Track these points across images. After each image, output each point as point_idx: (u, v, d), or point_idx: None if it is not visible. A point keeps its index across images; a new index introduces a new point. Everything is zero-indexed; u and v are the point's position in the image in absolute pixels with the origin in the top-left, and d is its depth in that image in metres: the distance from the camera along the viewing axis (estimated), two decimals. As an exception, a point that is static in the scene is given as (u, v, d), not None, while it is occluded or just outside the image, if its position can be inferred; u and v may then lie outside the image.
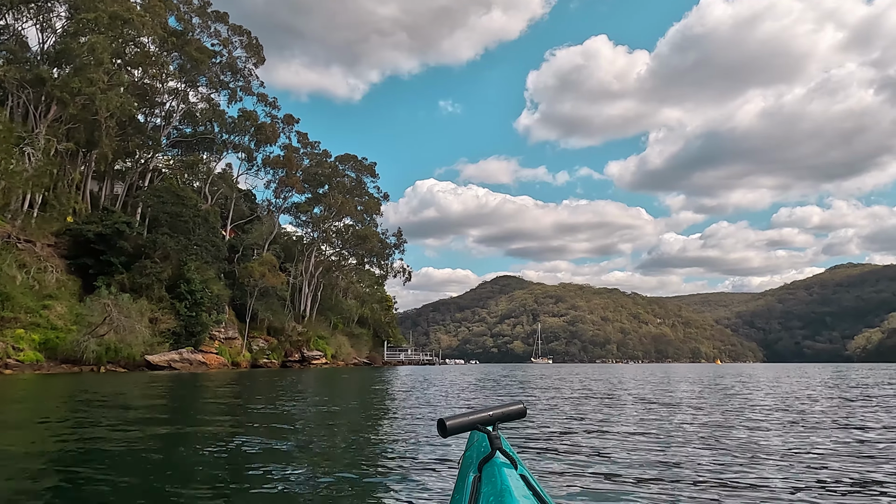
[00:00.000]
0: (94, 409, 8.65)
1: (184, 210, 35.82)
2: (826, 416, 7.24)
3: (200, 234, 36.64)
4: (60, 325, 28.10)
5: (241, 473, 3.64)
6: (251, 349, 44.20)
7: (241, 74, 43.58)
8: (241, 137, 46.90)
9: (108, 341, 28.47)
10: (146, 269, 33.05)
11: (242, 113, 45.97)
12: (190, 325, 33.95)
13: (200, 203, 43.43)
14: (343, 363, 54.99)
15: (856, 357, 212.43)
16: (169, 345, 32.38)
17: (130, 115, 34.75)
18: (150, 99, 40.94)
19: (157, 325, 32.48)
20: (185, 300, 33.96)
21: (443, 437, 1.18)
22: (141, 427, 6.18)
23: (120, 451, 4.52)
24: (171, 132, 43.38)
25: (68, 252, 32.57)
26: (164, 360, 30.90)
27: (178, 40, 37.30)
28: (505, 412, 1.26)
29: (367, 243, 56.79)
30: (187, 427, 6.44)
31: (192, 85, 41.02)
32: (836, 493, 3.17)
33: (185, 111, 43.68)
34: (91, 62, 28.68)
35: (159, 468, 3.92)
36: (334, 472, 3.71)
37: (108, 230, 32.57)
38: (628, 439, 5.11)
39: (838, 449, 4.65)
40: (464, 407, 9.05)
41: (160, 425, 6.46)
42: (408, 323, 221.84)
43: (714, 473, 3.63)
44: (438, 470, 3.70)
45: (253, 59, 43.36)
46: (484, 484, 1.07)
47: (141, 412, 8.11)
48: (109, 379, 20.01)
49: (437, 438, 4.93)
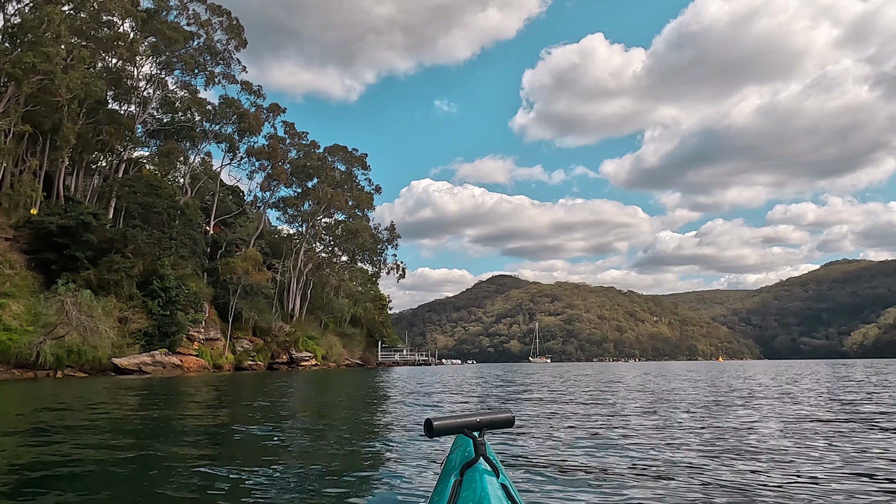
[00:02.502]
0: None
1: (158, 201, 33.11)
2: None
3: (177, 227, 33.93)
4: (15, 325, 25.33)
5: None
6: (235, 351, 41.48)
7: (220, 58, 40.82)
8: (222, 126, 44.18)
9: (70, 343, 25.76)
10: (115, 265, 30.32)
11: (224, 100, 43.24)
12: (164, 325, 31.23)
13: (179, 196, 40.75)
14: (334, 364, 52.38)
15: (852, 353, 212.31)
16: (140, 346, 29.67)
17: (98, 98, 32.00)
18: (125, 85, 38.18)
19: (127, 324, 29.77)
20: (158, 298, 31.25)
21: (429, 437, 1.18)
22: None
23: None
24: (146, 119, 40.57)
25: (29, 246, 29.79)
26: (134, 364, 28.19)
27: (149, 18, 34.53)
28: (492, 419, 1.25)
29: (357, 238, 54.10)
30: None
31: (167, 68, 38.21)
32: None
33: (162, 98, 40.91)
34: (47, 36, 25.96)
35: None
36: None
37: (73, 222, 29.81)
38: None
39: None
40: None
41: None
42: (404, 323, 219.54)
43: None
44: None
45: (234, 41, 40.63)
46: (464, 489, 1.07)
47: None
48: (55, 385, 17.36)
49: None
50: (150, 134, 42.91)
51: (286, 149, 50.30)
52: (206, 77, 39.81)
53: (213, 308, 41.13)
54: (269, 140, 46.72)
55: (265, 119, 47.17)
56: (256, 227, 50.21)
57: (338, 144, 54.10)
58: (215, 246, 44.24)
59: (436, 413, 4.83)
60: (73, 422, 7.11)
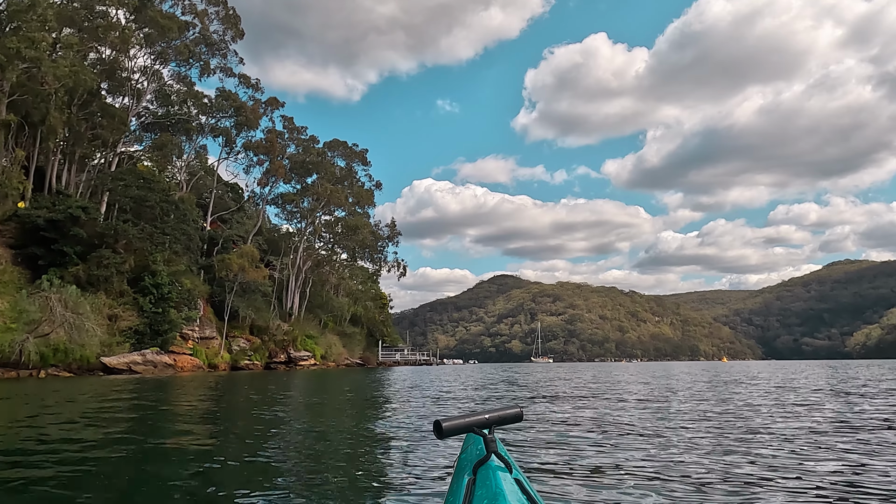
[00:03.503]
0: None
1: (150, 195, 31.95)
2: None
3: (170, 222, 32.77)
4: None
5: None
6: (231, 350, 40.34)
7: (217, 49, 39.62)
8: (219, 120, 43.01)
9: (56, 341, 24.63)
10: (105, 260, 29.15)
11: (221, 93, 42.08)
12: (155, 323, 30.08)
13: (175, 191, 39.61)
14: (334, 364, 51.24)
15: (855, 354, 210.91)
16: (130, 345, 28.52)
17: (89, 88, 30.85)
18: (119, 76, 37.05)
19: (117, 322, 28.61)
20: (150, 295, 30.09)
21: (439, 438, 1.17)
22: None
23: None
24: (141, 112, 39.42)
25: (15, 241, 28.64)
26: (123, 363, 27.03)
27: (142, 6, 33.37)
28: (501, 415, 1.25)
29: (357, 235, 52.88)
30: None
31: (161, 59, 37.02)
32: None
33: (158, 90, 39.75)
34: (34, 21, 24.84)
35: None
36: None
37: (61, 216, 28.66)
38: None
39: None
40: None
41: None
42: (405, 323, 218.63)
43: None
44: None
45: (231, 32, 39.44)
46: (478, 487, 1.08)
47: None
48: (38, 386, 16.23)
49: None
50: (145, 127, 41.79)
51: (285, 143, 49.08)
52: (201, 67, 38.57)
53: (208, 306, 40.00)
54: (266, 134, 45.52)
55: (263, 113, 46.01)
56: (255, 224, 49.05)
57: (337, 139, 52.91)
58: (212, 243, 43.10)
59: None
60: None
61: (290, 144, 50.22)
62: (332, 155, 53.21)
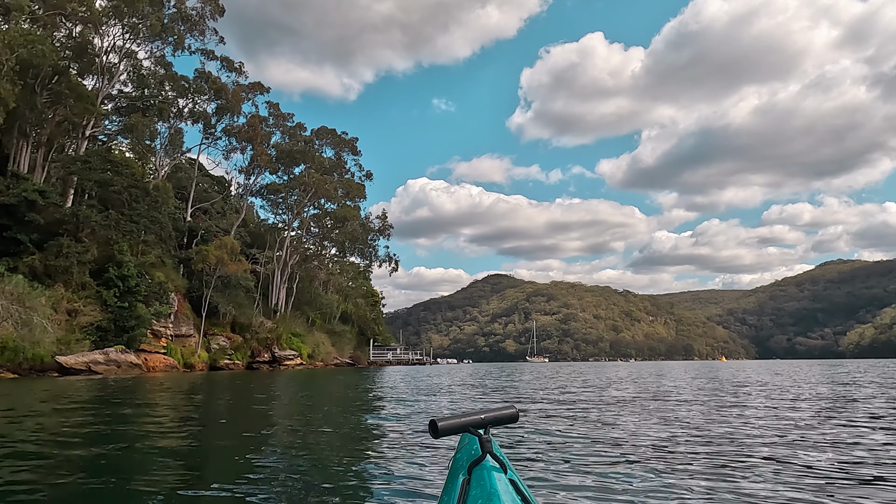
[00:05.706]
0: None
1: (117, 179, 29.23)
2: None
3: (139, 209, 30.05)
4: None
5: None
6: (209, 348, 37.65)
7: (195, 26, 36.85)
8: (197, 104, 40.24)
9: (4, 338, 21.93)
10: (64, 249, 26.45)
11: (199, 73, 39.34)
12: (121, 319, 27.38)
13: (148, 177, 36.85)
14: (322, 363, 48.64)
15: (849, 353, 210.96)
16: (91, 342, 25.81)
17: (48, 61, 28.12)
18: (89, 54, 34.28)
19: (77, 317, 25.91)
20: (114, 287, 27.38)
21: (434, 437, 1.17)
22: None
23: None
24: (112, 93, 36.61)
25: (-37, 227, 25.93)
26: (82, 363, 24.31)
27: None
28: (497, 416, 1.24)
29: (346, 226, 50.24)
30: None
31: (132, 33, 34.22)
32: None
33: (132, 70, 36.95)
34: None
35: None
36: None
37: (15, 199, 25.94)
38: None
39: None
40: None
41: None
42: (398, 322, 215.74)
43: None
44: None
45: (209, 7, 36.70)
46: (473, 487, 1.08)
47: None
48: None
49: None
50: (120, 112, 39.03)
51: (270, 130, 46.35)
52: (174, 41, 35.71)
53: (185, 301, 37.28)
54: (249, 119, 42.75)
55: (246, 97, 43.30)
56: (238, 216, 46.36)
57: (326, 127, 50.18)
58: (192, 234, 40.39)
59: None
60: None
61: (275, 132, 47.50)
62: (320, 144, 50.57)
